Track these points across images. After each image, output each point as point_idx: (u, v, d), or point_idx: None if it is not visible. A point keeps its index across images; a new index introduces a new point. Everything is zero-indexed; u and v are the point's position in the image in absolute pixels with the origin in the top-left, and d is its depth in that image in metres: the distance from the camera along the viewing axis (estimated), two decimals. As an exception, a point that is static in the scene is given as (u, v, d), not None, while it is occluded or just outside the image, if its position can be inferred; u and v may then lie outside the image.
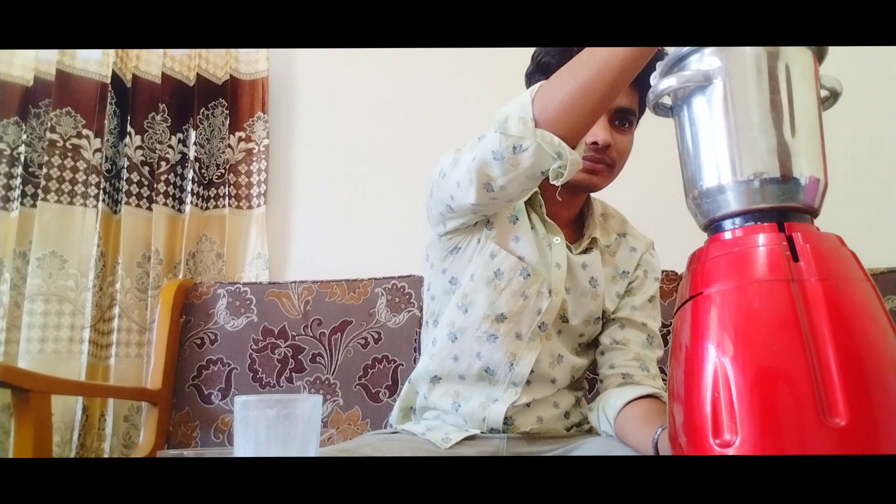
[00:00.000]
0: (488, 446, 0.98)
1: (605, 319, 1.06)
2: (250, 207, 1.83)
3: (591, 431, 1.06)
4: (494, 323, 0.97)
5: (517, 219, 0.99)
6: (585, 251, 1.04)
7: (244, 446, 0.57)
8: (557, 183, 0.76)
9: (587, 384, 1.11)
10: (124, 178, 1.76)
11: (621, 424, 0.92)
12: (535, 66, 0.99)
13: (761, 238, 0.58)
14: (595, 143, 0.92)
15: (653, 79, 0.68)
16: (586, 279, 1.02)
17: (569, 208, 1.04)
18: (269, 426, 0.57)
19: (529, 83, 1.01)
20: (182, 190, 1.82)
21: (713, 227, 0.63)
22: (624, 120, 0.96)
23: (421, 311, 1.45)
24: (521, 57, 1.02)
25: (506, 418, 0.97)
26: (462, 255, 1.01)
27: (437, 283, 1.05)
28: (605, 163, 0.95)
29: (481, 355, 0.98)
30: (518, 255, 0.97)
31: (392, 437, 1.03)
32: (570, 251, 1.02)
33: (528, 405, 0.99)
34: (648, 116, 0.74)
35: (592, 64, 0.70)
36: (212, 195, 1.84)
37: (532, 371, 0.98)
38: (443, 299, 1.04)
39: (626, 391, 0.95)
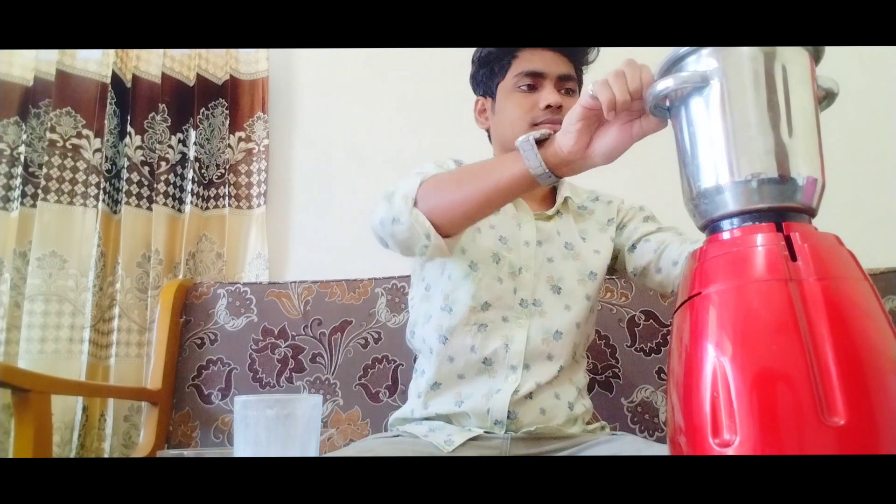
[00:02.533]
0: (492, 448, 0.98)
1: (617, 258, 1.11)
2: (250, 207, 1.83)
3: (596, 432, 1.05)
4: (480, 313, 1.01)
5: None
6: (558, 214, 1.10)
7: (244, 446, 0.57)
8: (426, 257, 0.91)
9: (586, 377, 1.11)
10: (124, 178, 1.76)
11: None
12: (476, 66, 1.12)
13: (759, 238, 0.58)
14: (549, 105, 1.01)
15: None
16: (562, 244, 1.07)
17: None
18: (269, 426, 0.57)
19: (474, 84, 1.14)
20: (182, 190, 1.82)
21: (711, 227, 0.63)
22: (568, 89, 1.06)
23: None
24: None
25: (509, 412, 0.97)
26: (436, 261, 1.05)
27: (417, 293, 1.11)
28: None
29: (475, 348, 1.00)
30: (486, 245, 1.03)
31: (393, 440, 1.02)
32: (544, 220, 1.08)
33: (529, 396, 0.98)
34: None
35: (481, 180, 0.83)
36: (212, 195, 1.84)
37: (526, 350, 0.99)
38: (420, 307, 1.08)
39: (690, 246, 1.00)
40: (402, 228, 0.87)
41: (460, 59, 1.10)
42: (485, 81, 1.11)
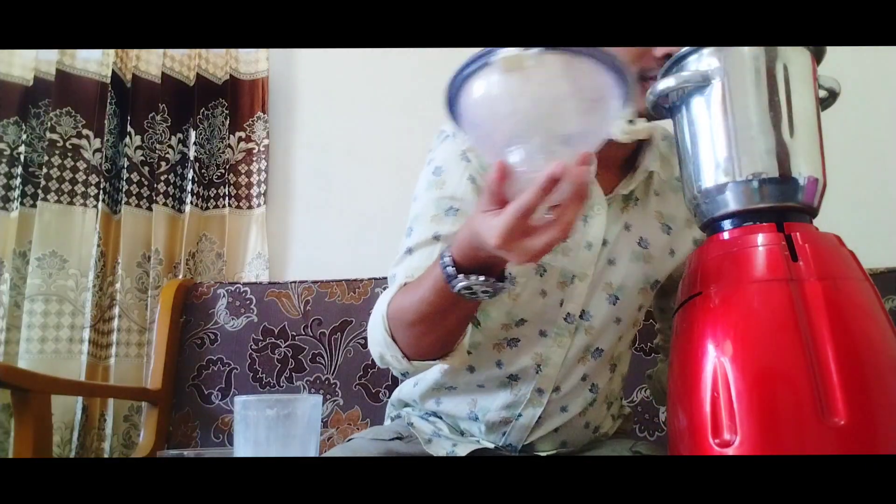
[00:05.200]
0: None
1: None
2: (250, 207, 1.83)
3: (616, 434, 0.97)
4: (514, 329, 0.85)
5: None
6: (631, 199, 0.85)
7: (244, 446, 0.57)
8: None
9: (622, 381, 0.97)
10: (124, 178, 1.76)
11: None
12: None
13: (760, 238, 0.58)
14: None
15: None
16: (634, 240, 0.85)
17: (625, 144, 0.80)
18: (269, 426, 0.57)
19: None
20: (182, 190, 1.82)
21: (712, 226, 0.63)
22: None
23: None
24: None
25: (525, 445, 0.87)
26: None
27: None
28: None
29: (502, 363, 0.86)
30: None
31: (389, 445, 0.92)
32: (619, 205, 0.85)
33: (556, 430, 0.87)
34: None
35: (419, 306, 0.69)
36: (212, 195, 1.84)
37: (560, 373, 0.85)
38: None
39: None
40: (399, 368, 0.77)
41: (460, 59, 1.09)
42: None
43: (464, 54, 0.55)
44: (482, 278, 0.62)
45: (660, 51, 0.72)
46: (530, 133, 0.51)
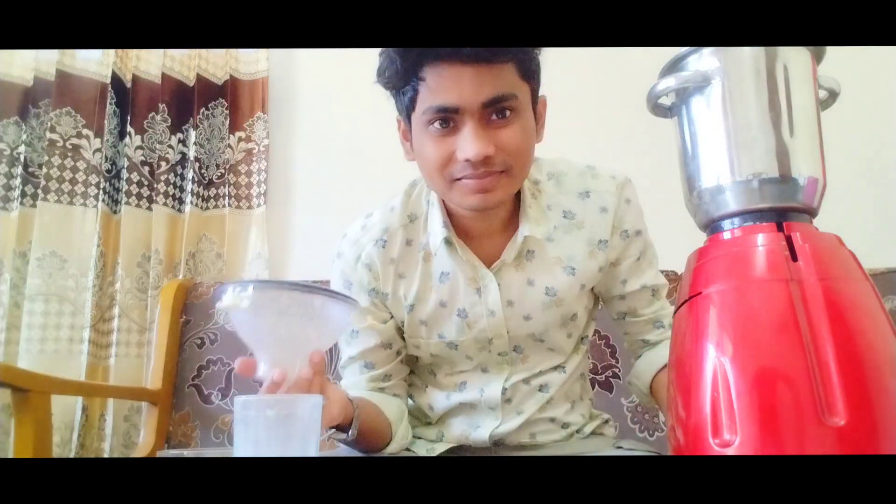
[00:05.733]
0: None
1: (604, 298, 0.97)
2: (250, 207, 1.83)
3: (594, 433, 1.01)
4: (459, 374, 0.96)
5: (428, 287, 0.91)
6: (523, 256, 0.89)
7: (244, 446, 0.57)
8: None
9: (584, 383, 1.04)
10: (124, 178, 1.76)
11: (658, 397, 0.91)
12: (379, 79, 0.84)
13: (760, 238, 0.58)
14: (467, 159, 0.75)
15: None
16: (541, 293, 0.89)
17: (495, 219, 0.88)
18: (269, 426, 0.57)
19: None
20: (182, 190, 1.82)
21: (712, 227, 0.63)
22: (501, 111, 0.76)
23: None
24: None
25: (493, 442, 0.94)
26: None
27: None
28: (496, 172, 0.77)
29: (451, 396, 0.96)
30: (439, 335, 0.92)
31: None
32: (510, 270, 0.89)
33: (520, 427, 0.94)
34: (648, 116, 0.73)
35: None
36: (212, 195, 1.84)
37: (504, 391, 0.93)
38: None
39: (649, 360, 0.92)
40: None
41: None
42: (395, 101, 0.84)
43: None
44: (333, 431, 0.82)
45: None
46: (259, 347, 0.68)
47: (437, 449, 0.95)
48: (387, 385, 0.96)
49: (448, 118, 0.76)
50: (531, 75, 0.79)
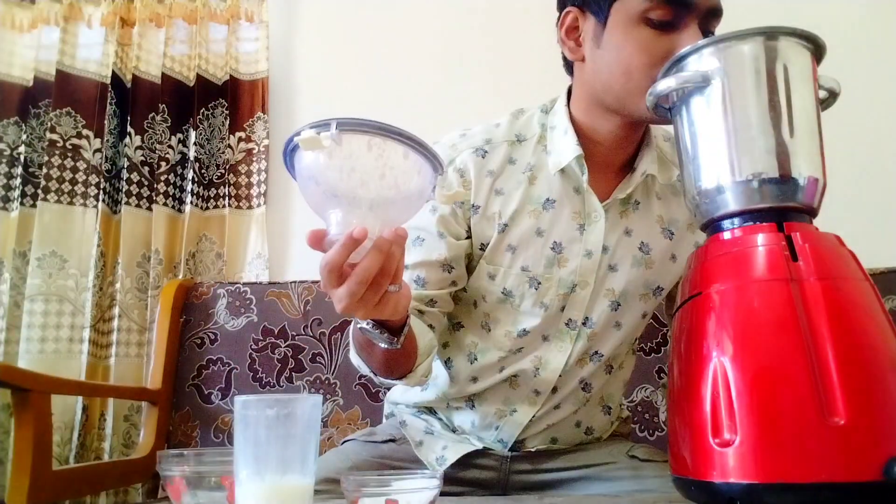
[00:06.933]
0: (489, 470, 0.91)
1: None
2: (250, 207, 1.83)
3: (613, 434, 0.97)
4: (517, 339, 0.87)
5: (527, 211, 0.84)
6: (630, 203, 0.85)
7: (244, 446, 0.57)
8: None
9: (623, 385, 0.98)
10: (124, 178, 1.76)
11: None
12: None
13: (760, 238, 0.58)
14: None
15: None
16: (634, 245, 0.85)
17: (626, 147, 0.85)
18: (269, 426, 0.57)
19: None
20: (182, 190, 1.82)
21: (712, 227, 0.63)
22: (710, 29, 0.75)
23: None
24: (522, 57, 1.02)
25: (517, 441, 0.89)
26: (463, 299, 0.91)
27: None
28: None
29: (504, 368, 0.88)
30: (523, 267, 0.84)
31: (382, 448, 0.94)
32: (618, 210, 0.85)
33: (547, 427, 0.90)
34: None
35: (355, 339, 0.77)
36: (212, 195, 1.84)
37: (560, 376, 0.87)
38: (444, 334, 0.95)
39: None
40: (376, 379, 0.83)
41: (460, 60, 1.10)
42: None
43: (464, 55, 0.55)
44: (370, 325, 0.69)
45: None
46: (339, 201, 0.57)
47: (448, 458, 0.88)
48: (428, 311, 0.86)
49: (675, 16, 0.72)
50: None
